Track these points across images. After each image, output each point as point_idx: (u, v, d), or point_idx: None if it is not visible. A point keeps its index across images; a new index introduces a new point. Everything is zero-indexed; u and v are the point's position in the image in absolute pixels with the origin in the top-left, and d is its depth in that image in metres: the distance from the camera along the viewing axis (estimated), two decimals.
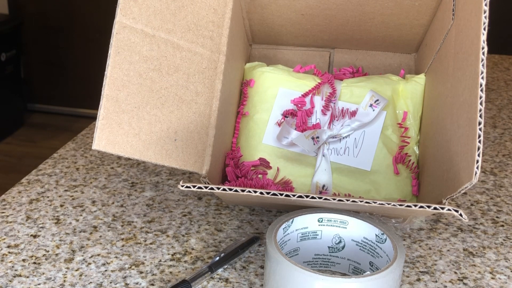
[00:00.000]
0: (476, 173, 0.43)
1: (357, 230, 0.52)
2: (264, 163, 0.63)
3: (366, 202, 0.45)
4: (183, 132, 0.55)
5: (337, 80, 0.66)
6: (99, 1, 2.55)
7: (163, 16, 0.55)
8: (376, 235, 0.50)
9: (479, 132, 0.44)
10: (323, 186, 0.62)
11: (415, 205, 0.45)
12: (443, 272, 0.55)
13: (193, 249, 0.58)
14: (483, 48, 0.44)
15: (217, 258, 0.54)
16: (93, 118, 0.65)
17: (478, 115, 0.44)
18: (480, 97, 0.44)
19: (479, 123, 0.44)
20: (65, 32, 2.65)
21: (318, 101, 0.64)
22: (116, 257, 0.56)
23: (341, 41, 0.70)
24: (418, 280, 0.54)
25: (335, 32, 0.68)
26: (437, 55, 0.60)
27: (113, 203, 0.66)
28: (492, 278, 0.55)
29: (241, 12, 0.66)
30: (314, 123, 0.64)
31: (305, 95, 0.65)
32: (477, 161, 0.43)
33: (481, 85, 0.44)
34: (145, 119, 0.52)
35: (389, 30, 0.66)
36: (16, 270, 0.54)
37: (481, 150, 0.43)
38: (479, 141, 0.43)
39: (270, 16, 0.67)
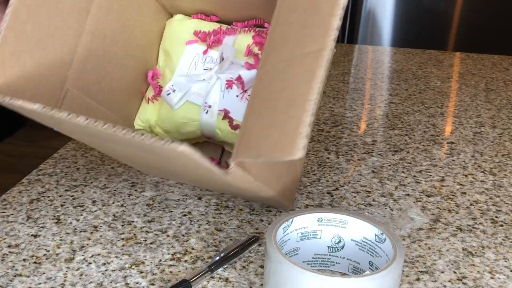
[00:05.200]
0: (299, 149, 0.39)
1: (357, 229, 0.52)
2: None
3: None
4: None
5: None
6: None
7: None
8: (375, 234, 0.50)
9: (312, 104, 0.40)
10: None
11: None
12: (442, 272, 0.55)
13: (193, 248, 0.58)
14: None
15: (217, 257, 0.54)
16: None
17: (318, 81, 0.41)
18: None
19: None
20: None
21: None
22: (117, 256, 0.56)
23: None
24: (418, 279, 0.54)
25: None
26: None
27: (113, 203, 0.66)
28: (492, 278, 0.55)
29: None
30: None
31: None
32: (301, 136, 0.39)
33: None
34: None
35: None
36: (16, 269, 0.54)
37: (309, 124, 0.39)
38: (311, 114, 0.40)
39: None
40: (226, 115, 0.66)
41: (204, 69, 0.68)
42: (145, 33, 0.69)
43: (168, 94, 0.68)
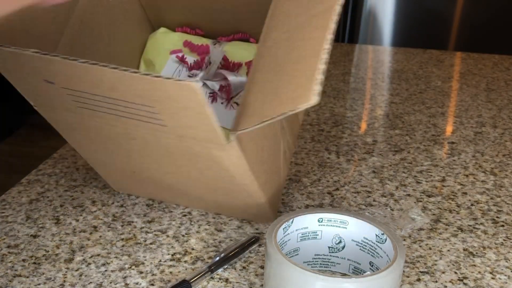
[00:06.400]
0: (315, 94, 0.39)
1: (357, 230, 0.52)
2: None
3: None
4: None
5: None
6: None
7: None
8: (376, 235, 0.50)
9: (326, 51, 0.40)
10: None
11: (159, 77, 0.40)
12: (443, 272, 0.55)
13: (193, 249, 0.58)
14: None
15: (217, 258, 0.54)
16: None
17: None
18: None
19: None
20: None
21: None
22: (116, 257, 0.56)
23: None
24: (418, 280, 0.54)
25: None
26: None
27: (113, 203, 0.66)
28: (492, 278, 0.55)
29: None
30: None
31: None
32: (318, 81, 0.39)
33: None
34: None
35: None
36: (16, 270, 0.54)
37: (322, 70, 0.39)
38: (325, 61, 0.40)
39: None
40: None
41: (189, 76, 0.67)
42: (128, 40, 0.69)
43: None
